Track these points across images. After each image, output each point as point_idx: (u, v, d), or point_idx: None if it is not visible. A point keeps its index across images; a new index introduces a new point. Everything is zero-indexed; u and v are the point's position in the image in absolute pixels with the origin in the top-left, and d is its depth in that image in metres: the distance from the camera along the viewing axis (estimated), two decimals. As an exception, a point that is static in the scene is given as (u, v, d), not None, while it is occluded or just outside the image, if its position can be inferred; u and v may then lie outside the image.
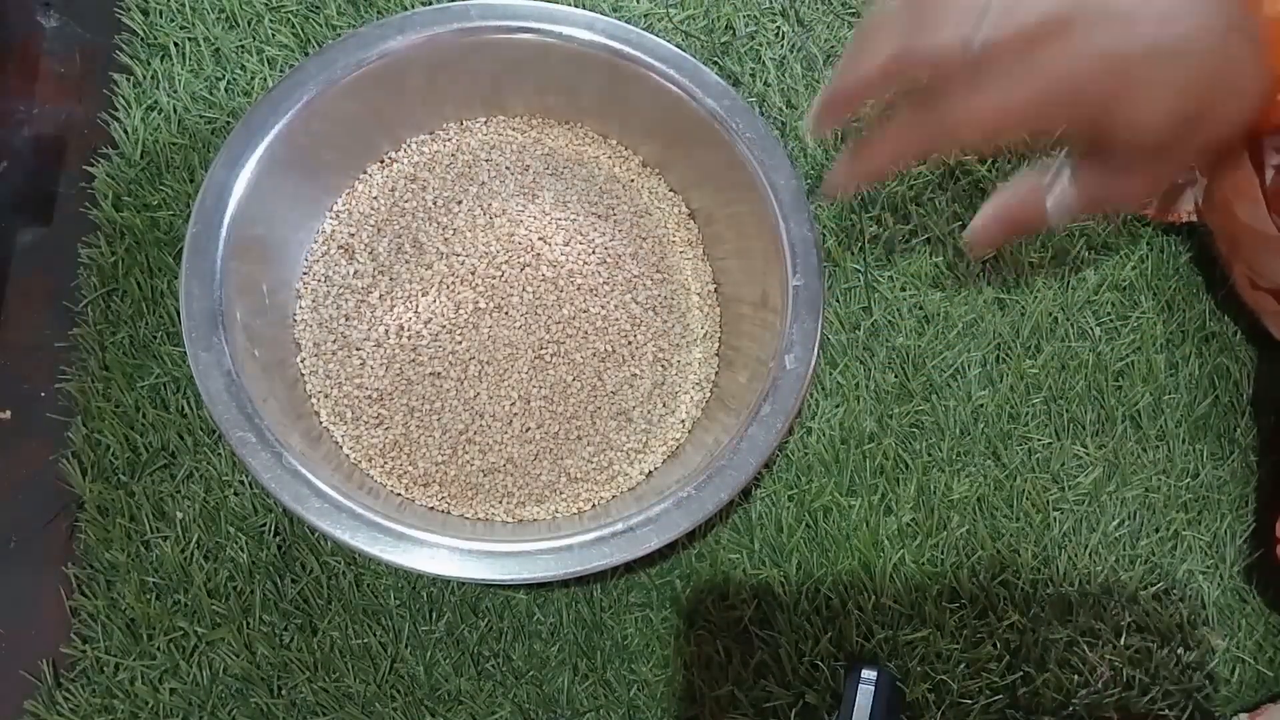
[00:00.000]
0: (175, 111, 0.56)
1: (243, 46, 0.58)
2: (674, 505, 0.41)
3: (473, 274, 0.50)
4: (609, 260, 0.51)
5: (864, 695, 0.48)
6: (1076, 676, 0.50)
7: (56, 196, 0.56)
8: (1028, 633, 0.50)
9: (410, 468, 0.47)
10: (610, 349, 0.50)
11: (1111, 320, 0.57)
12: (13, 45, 0.59)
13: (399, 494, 0.46)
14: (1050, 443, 0.54)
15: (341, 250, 0.49)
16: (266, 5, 0.58)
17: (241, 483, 0.50)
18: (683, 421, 0.49)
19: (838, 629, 0.50)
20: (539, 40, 0.48)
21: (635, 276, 0.51)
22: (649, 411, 0.49)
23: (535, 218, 0.51)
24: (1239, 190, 0.51)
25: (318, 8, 0.59)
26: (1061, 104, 0.33)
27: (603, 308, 0.50)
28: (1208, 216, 0.55)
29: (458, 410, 0.48)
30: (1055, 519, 0.53)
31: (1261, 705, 0.50)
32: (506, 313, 0.50)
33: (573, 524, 0.45)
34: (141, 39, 0.58)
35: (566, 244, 0.51)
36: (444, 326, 0.49)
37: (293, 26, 0.58)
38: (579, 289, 0.50)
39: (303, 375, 0.48)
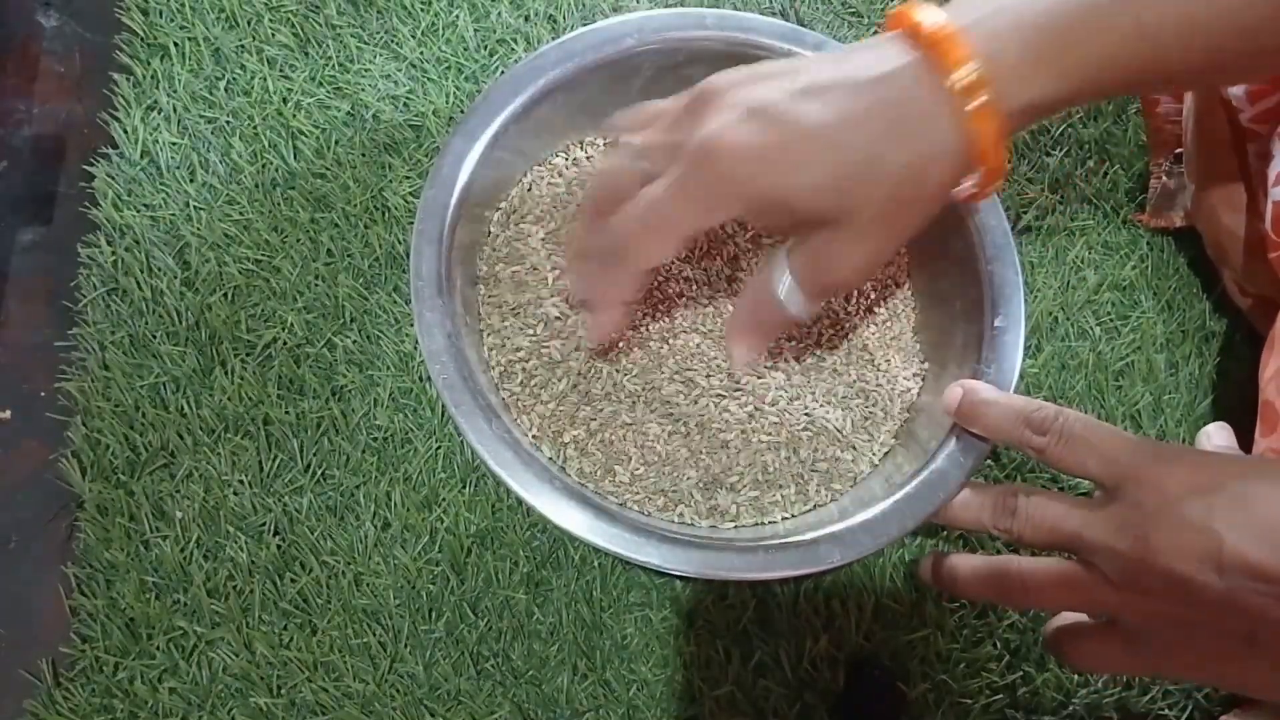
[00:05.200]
0: (175, 111, 0.56)
1: (242, 46, 0.58)
2: (859, 526, 0.40)
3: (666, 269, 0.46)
4: None
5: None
6: (1076, 676, 0.50)
7: (56, 196, 0.56)
8: (1027, 633, 0.50)
9: (584, 459, 0.43)
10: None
11: (1111, 320, 0.57)
12: (13, 45, 0.59)
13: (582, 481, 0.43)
14: (1050, 442, 0.54)
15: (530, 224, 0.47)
16: (266, 5, 0.59)
17: (241, 482, 0.50)
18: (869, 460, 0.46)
19: (837, 629, 0.49)
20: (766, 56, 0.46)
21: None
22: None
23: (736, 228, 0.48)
24: (1226, 199, 0.51)
25: (318, 7, 0.59)
26: (707, 198, 0.33)
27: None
28: (1197, 224, 0.55)
29: (635, 402, 0.44)
30: (1055, 519, 0.53)
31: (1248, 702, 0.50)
32: (698, 314, 0.45)
33: (754, 532, 0.42)
34: (141, 39, 0.58)
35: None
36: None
37: (292, 26, 0.58)
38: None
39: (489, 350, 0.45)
